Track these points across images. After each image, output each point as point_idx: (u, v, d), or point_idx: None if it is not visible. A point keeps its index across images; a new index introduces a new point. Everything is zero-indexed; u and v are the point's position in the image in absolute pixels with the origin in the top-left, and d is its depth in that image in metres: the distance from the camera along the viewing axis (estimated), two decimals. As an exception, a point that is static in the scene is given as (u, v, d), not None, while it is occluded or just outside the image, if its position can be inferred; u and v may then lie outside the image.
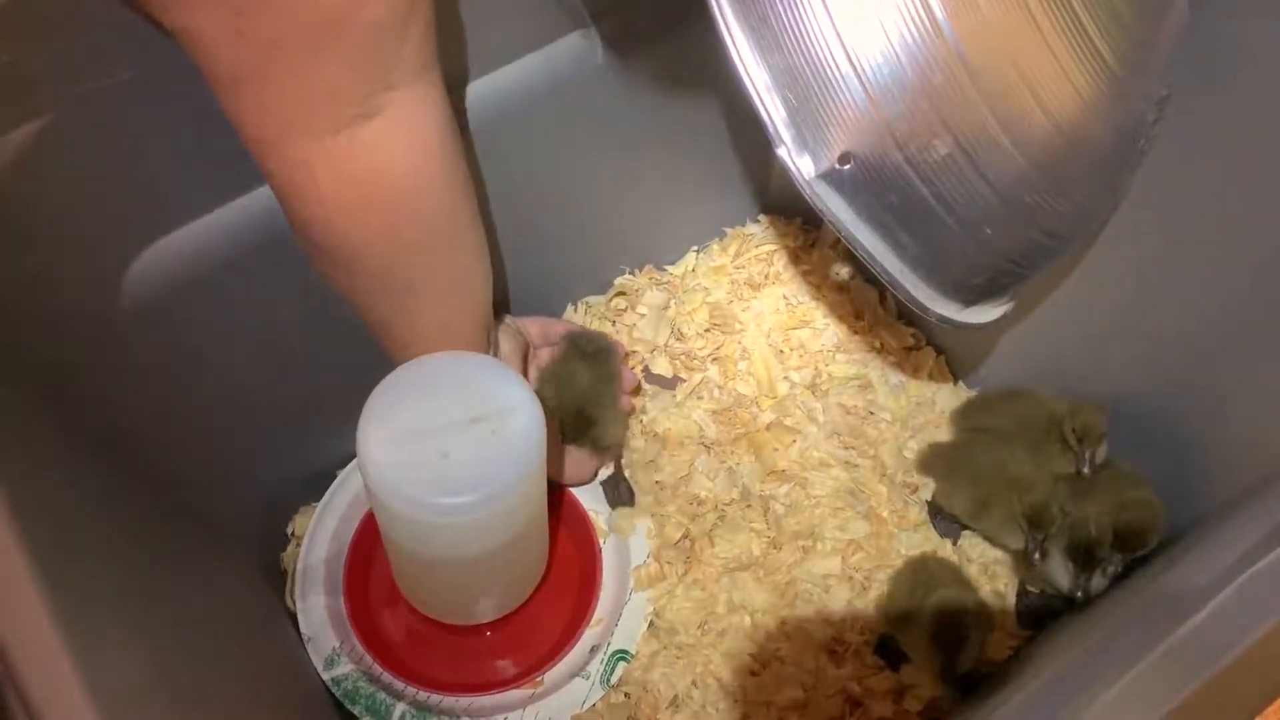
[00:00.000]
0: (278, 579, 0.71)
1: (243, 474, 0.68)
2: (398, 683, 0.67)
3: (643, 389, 0.79)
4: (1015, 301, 0.60)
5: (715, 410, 0.78)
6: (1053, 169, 0.49)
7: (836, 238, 0.49)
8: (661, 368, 0.81)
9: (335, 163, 0.49)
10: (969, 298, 0.55)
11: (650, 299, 0.83)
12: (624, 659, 0.68)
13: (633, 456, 0.76)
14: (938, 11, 0.44)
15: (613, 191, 0.75)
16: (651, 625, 0.70)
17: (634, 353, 0.81)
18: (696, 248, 0.85)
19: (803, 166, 0.47)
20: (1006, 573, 0.73)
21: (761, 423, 0.77)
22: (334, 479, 0.73)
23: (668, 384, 0.80)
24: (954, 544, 0.74)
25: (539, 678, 0.68)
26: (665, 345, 0.81)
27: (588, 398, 0.69)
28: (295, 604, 0.69)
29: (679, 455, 0.76)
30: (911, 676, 0.69)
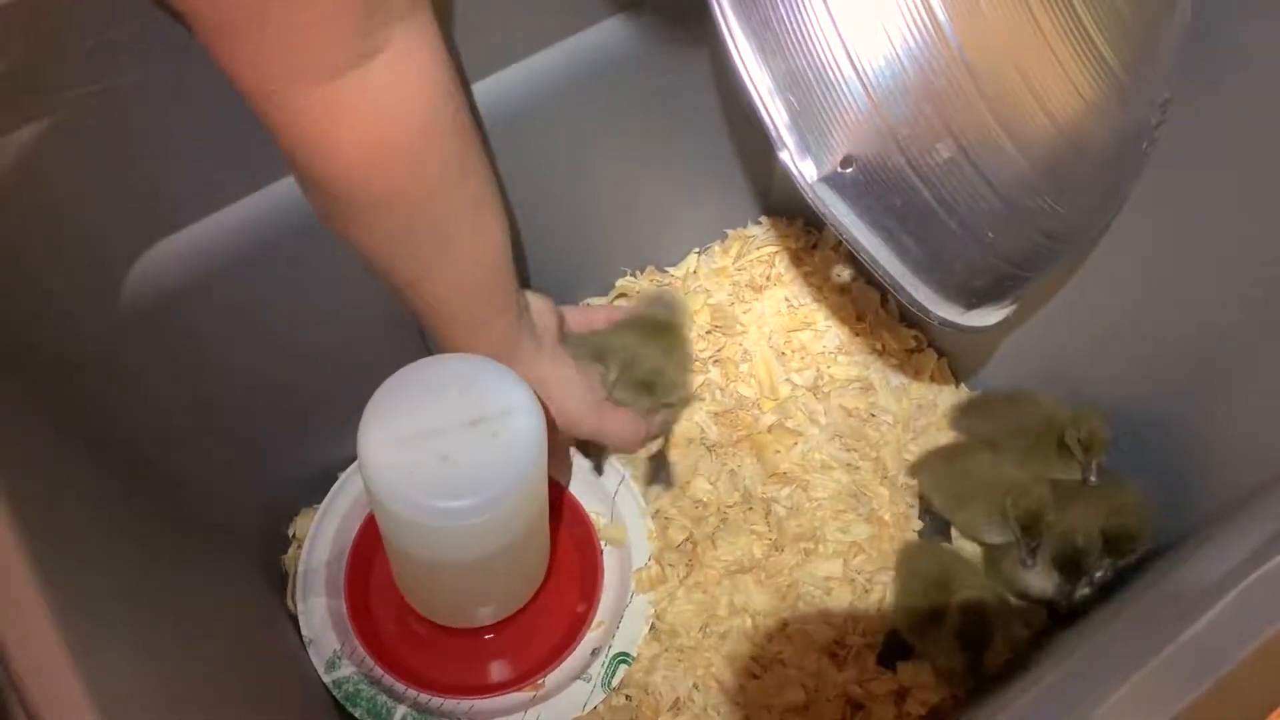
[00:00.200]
0: (279, 581, 0.71)
1: (243, 476, 0.68)
2: (399, 685, 0.67)
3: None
4: (1018, 304, 0.60)
5: (717, 412, 0.78)
6: (1055, 172, 0.49)
7: (838, 240, 0.49)
8: (663, 369, 0.81)
9: (345, 106, 0.48)
10: (971, 301, 0.55)
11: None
12: (625, 662, 0.68)
13: (633, 457, 0.76)
14: (940, 15, 0.44)
15: (614, 193, 0.75)
16: (653, 628, 0.70)
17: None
18: (698, 249, 0.85)
19: (805, 170, 0.47)
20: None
21: (763, 425, 0.77)
22: (335, 481, 0.73)
23: (669, 385, 0.80)
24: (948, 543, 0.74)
25: (540, 680, 0.68)
26: (666, 347, 0.81)
27: (661, 353, 0.71)
28: (296, 606, 0.69)
29: (681, 457, 0.76)
30: (913, 678, 0.68)
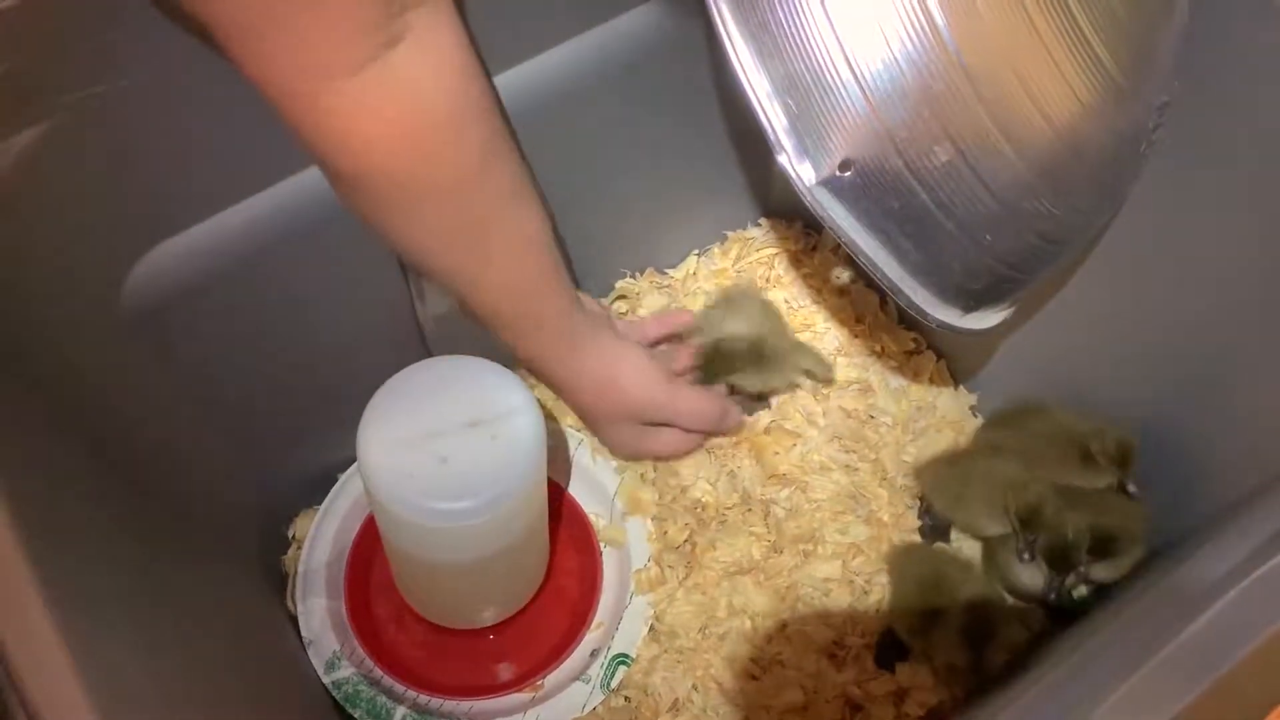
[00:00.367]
0: (278, 582, 0.71)
1: (243, 477, 0.68)
2: (398, 686, 0.67)
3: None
4: (1016, 307, 0.60)
5: (716, 413, 0.78)
6: (1053, 175, 0.49)
7: (837, 242, 0.49)
8: (662, 371, 0.81)
9: (371, 99, 0.47)
10: (969, 303, 0.55)
11: (651, 302, 0.83)
12: (624, 663, 0.68)
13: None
14: (938, 19, 0.44)
15: (613, 195, 0.75)
16: (652, 629, 0.70)
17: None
18: (697, 251, 0.85)
19: (803, 173, 0.47)
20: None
21: (762, 426, 0.77)
22: (335, 482, 0.73)
23: (668, 387, 0.80)
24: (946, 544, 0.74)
25: (539, 681, 0.68)
26: (666, 348, 0.81)
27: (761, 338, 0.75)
28: (296, 607, 0.69)
29: (681, 459, 0.76)
30: (912, 679, 0.68)
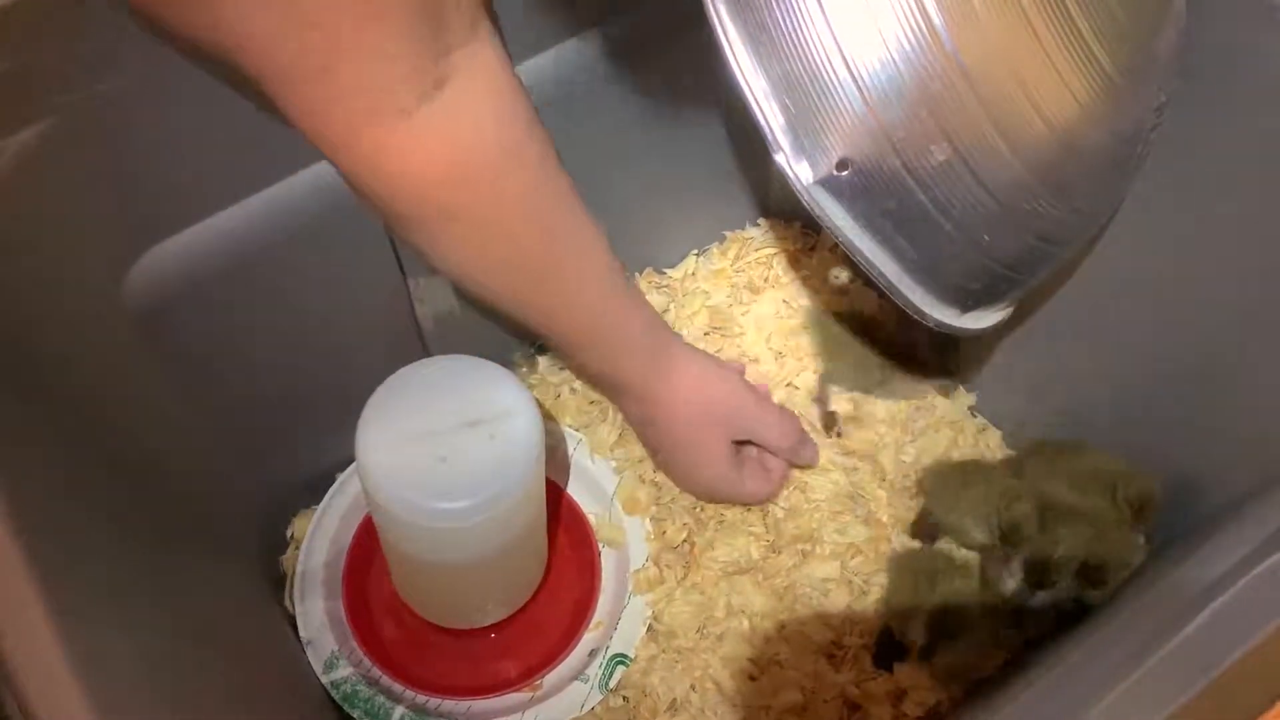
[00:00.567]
0: (277, 582, 0.71)
1: (242, 477, 0.68)
2: (396, 686, 0.67)
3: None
4: (1014, 307, 0.60)
5: (715, 413, 0.78)
6: (1051, 176, 0.49)
7: (836, 242, 0.49)
8: (661, 371, 0.81)
9: (421, 140, 0.47)
10: (967, 303, 0.55)
11: (650, 302, 0.83)
12: (623, 663, 0.68)
13: (633, 459, 0.76)
14: (935, 19, 0.44)
15: (612, 195, 0.75)
16: (650, 629, 0.70)
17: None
18: (696, 251, 0.85)
19: (801, 173, 0.47)
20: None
21: (761, 426, 0.77)
22: (334, 482, 0.73)
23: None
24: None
25: (537, 681, 0.68)
26: (665, 349, 0.81)
27: None
28: (294, 607, 0.69)
29: (678, 459, 0.76)
30: (910, 679, 0.68)
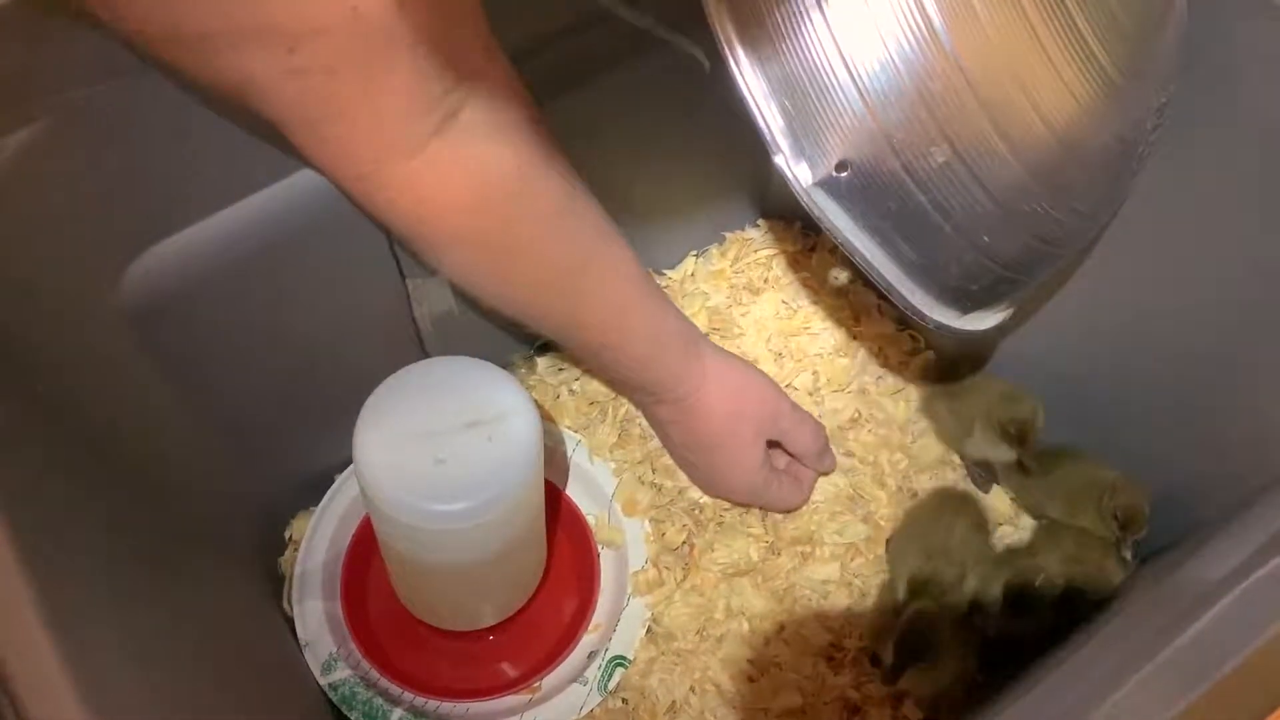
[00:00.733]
0: (275, 583, 0.71)
1: (240, 478, 0.68)
2: (395, 688, 0.67)
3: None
4: (1014, 308, 0.60)
5: (714, 415, 0.78)
6: (1051, 177, 0.49)
7: (835, 243, 0.49)
8: (660, 372, 0.80)
9: (438, 173, 0.48)
10: (967, 304, 0.55)
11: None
12: (622, 665, 0.68)
13: (632, 460, 0.76)
14: (935, 20, 0.44)
15: (611, 196, 0.75)
16: (649, 631, 0.69)
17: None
18: (695, 252, 0.85)
19: (800, 174, 0.47)
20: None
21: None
22: (332, 483, 0.73)
23: (667, 388, 0.80)
24: (985, 492, 0.76)
25: (536, 683, 0.68)
26: (664, 349, 0.81)
27: None
28: (292, 609, 0.68)
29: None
30: (909, 681, 0.68)
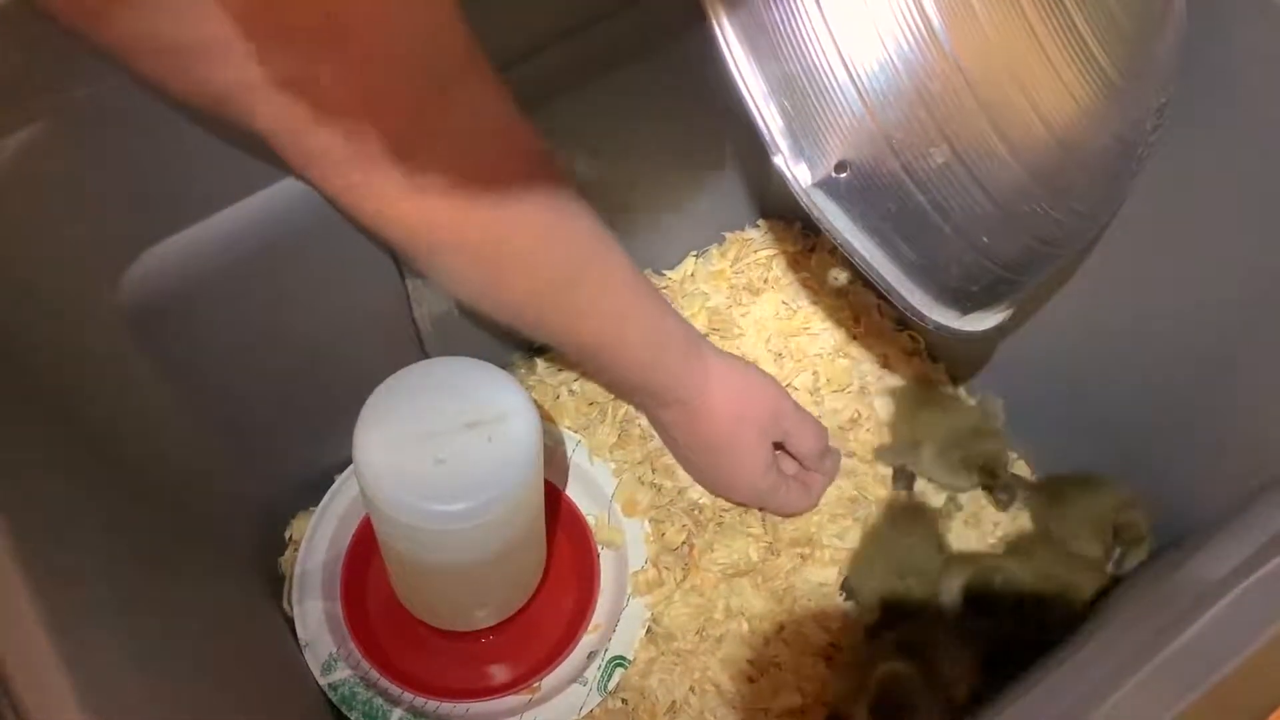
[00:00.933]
0: (275, 583, 0.71)
1: (240, 478, 0.68)
2: (394, 688, 0.67)
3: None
4: (1013, 309, 0.60)
5: (714, 415, 0.78)
6: (1050, 178, 0.49)
7: (835, 244, 0.49)
8: (660, 372, 0.80)
9: (425, 180, 0.49)
10: (967, 305, 0.55)
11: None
12: (622, 665, 0.68)
13: (632, 460, 0.76)
14: (934, 19, 0.44)
15: (610, 196, 0.75)
16: (649, 631, 0.69)
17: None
18: (695, 252, 0.85)
19: (799, 174, 0.47)
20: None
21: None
22: (332, 483, 0.73)
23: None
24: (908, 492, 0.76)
25: (536, 683, 0.68)
26: (664, 350, 0.81)
27: None
28: (292, 609, 0.68)
29: (677, 461, 0.76)
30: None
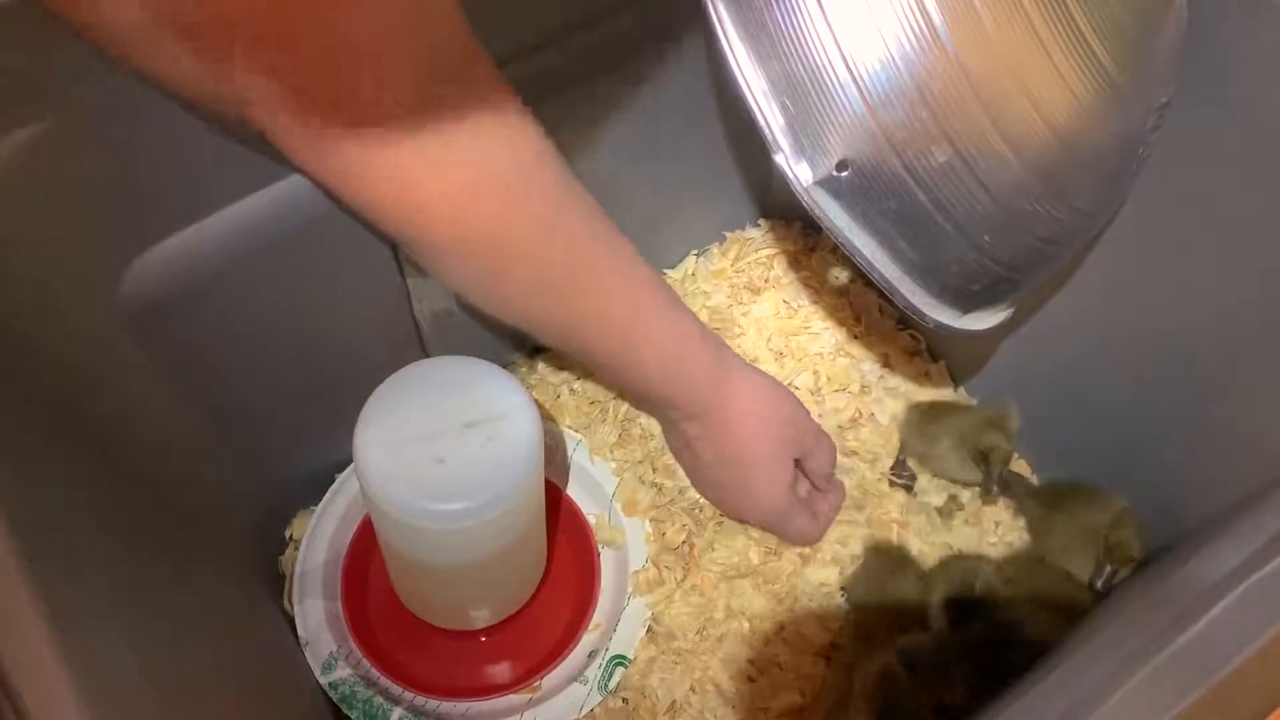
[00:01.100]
0: (275, 582, 0.71)
1: (240, 477, 0.68)
2: (395, 687, 0.67)
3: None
4: (1014, 308, 0.60)
5: (714, 414, 0.78)
6: (1051, 176, 0.49)
7: (836, 243, 0.49)
8: (661, 372, 0.80)
9: (424, 167, 0.49)
10: (968, 304, 0.55)
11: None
12: (622, 664, 0.68)
13: (633, 460, 0.76)
14: (936, 19, 0.44)
15: (611, 195, 0.75)
16: (650, 630, 0.69)
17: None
18: (696, 251, 0.85)
19: (800, 173, 0.47)
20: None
21: (760, 427, 0.77)
22: (332, 482, 0.73)
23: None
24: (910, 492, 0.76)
25: (536, 683, 0.68)
26: (665, 349, 0.81)
27: None
28: (293, 608, 0.68)
29: (677, 460, 0.76)
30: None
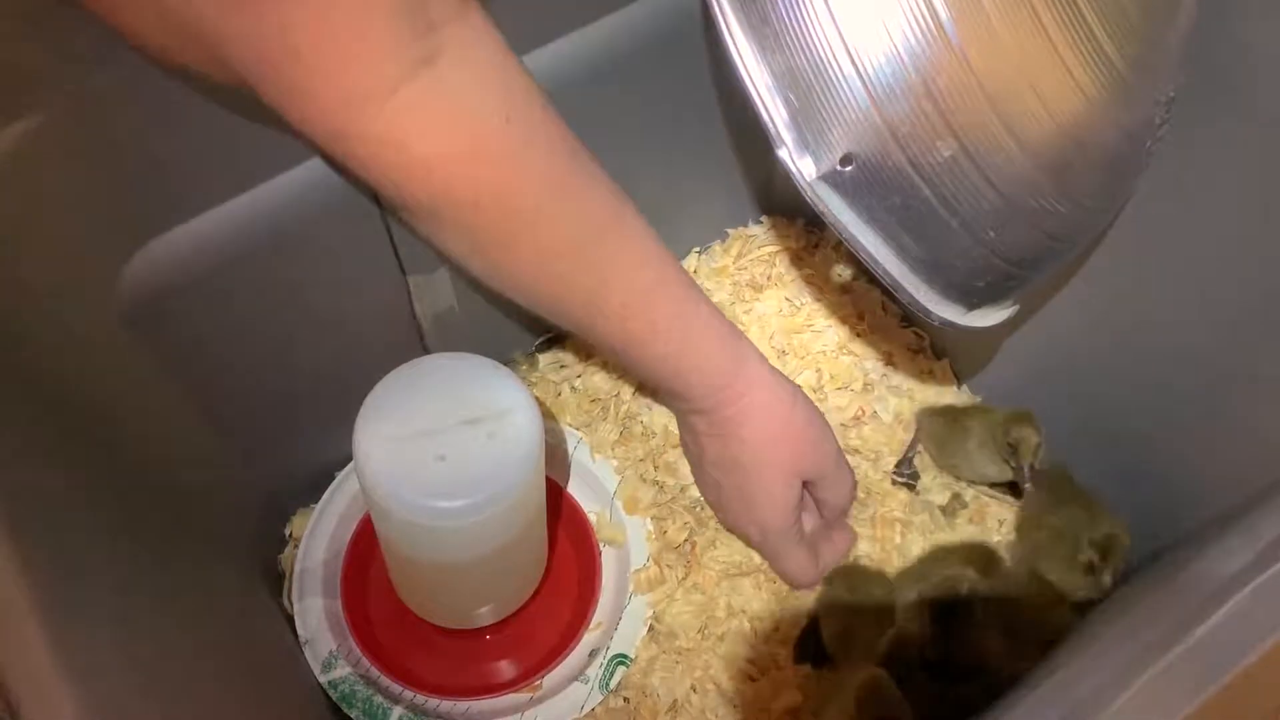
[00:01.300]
0: (275, 581, 0.71)
1: (240, 475, 0.68)
2: (395, 686, 0.66)
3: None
4: (1019, 305, 0.60)
5: (716, 412, 0.77)
6: (1058, 171, 0.49)
7: (839, 239, 0.49)
8: (662, 369, 0.80)
9: (418, 122, 0.47)
10: (972, 301, 0.54)
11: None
12: (623, 663, 0.68)
13: (634, 458, 0.75)
14: (942, 13, 0.44)
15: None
16: (651, 629, 0.69)
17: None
18: (698, 249, 0.85)
19: (804, 168, 0.47)
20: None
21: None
22: (332, 480, 0.72)
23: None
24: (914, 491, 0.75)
25: (537, 681, 0.68)
26: (666, 347, 0.81)
27: None
28: (292, 606, 0.68)
29: (681, 458, 0.75)
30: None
